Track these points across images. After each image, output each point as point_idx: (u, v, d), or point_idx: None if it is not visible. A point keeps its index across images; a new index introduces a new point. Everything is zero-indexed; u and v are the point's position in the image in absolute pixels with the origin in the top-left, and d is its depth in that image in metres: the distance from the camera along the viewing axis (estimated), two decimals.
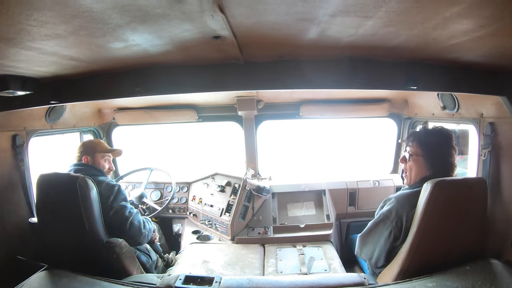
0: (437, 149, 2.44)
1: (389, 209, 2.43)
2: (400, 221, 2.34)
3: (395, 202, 2.44)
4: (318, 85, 2.35)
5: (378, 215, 2.52)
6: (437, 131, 2.52)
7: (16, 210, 3.04)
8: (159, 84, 2.36)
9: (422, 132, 2.62)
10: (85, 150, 3.18)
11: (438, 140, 2.46)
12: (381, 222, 2.46)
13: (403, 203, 2.39)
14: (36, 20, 1.27)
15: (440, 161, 2.42)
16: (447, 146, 2.44)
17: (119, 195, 2.95)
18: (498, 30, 1.45)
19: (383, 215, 2.46)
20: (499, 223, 2.42)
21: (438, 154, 2.43)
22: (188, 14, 1.34)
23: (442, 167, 2.41)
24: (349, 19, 1.43)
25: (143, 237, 3.03)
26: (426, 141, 2.48)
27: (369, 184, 4.15)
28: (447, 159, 2.42)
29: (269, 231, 3.74)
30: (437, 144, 2.45)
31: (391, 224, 2.38)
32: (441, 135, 2.48)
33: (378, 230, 2.47)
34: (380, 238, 2.44)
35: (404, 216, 2.33)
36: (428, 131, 2.60)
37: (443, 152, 2.43)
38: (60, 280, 2.22)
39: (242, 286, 2.13)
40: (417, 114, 3.81)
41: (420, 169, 2.48)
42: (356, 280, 2.19)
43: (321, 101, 4.06)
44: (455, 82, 2.31)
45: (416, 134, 2.59)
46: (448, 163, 2.42)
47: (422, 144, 2.49)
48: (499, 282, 1.98)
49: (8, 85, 2.13)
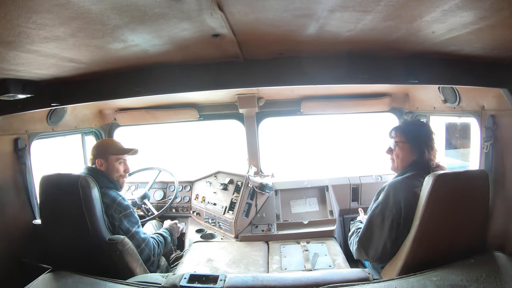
0: (419, 134, 2.64)
1: (385, 197, 2.48)
2: (399, 206, 2.38)
3: (389, 188, 2.51)
4: (319, 81, 2.34)
5: (374, 206, 2.54)
6: (415, 121, 3.04)
7: (20, 213, 3.06)
8: (159, 84, 2.36)
9: (402, 124, 2.86)
10: (98, 153, 3.04)
11: (417, 127, 2.71)
12: (380, 214, 2.48)
13: (398, 187, 2.47)
14: (35, 23, 1.27)
15: (422, 145, 2.59)
16: (426, 132, 2.66)
17: (132, 218, 2.88)
18: (497, 22, 1.44)
19: (381, 205, 2.49)
20: (501, 215, 2.41)
21: (420, 139, 2.62)
22: (186, 13, 1.34)
23: (426, 150, 2.57)
24: (348, 14, 1.42)
25: (150, 262, 2.95)
26: (408, 129, 2.71)
27: (372, 179, 4.15)
28: (428, 143, 2.61)
29: (272, 228, 3.74)
30: (417, 130, 2.67)
31: (391, 212, 2.41)
32: (419, 123, 2.82)
33: (378, 224, 2.48)
34: (383, 231, 2.46)
35: (402, 201, 2.37)
36: (408, 122, 2.92)
37: (424, 137, 2.63)
38: (66, 281, 2.23)
39: (247, 283, 2.14)
40: (418, 108, 3.80)
41: (407, 155, 2.66)
42: (360, 276, 2.19)
43: (322, 97, 4.06)
44: (455, 75, 2.30)
45: (398, 126, 2.82)
46: (429, 146, 2.59)
47: (405, 132, 2.70)
48: (504, 275, 1.98)
49: (9, 89, 2.12)
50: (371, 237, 2.55)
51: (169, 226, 3.55)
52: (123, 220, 2.81)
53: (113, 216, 2.77)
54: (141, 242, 2.86)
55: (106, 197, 2.78)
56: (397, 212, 2.38)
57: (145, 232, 2.99)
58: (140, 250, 2.83)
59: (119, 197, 2.88)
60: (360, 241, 2.62)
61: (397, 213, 2.38)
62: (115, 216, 2.78)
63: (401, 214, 2.36)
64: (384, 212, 2.45)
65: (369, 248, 2.58)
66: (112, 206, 2.79)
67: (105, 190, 2.81)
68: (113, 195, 2.87)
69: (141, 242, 2.86)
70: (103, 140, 3.45)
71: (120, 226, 2.79)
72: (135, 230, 2.85)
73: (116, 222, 2.78)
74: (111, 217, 2.76)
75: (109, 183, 2.97)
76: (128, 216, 2.85)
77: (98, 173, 2.94)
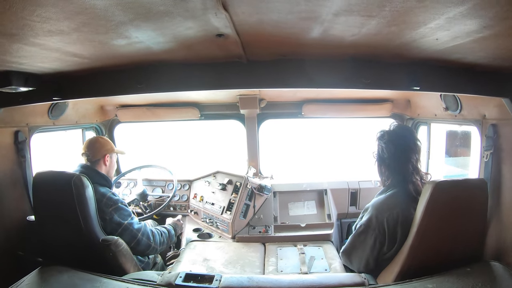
0: (398, 148, 2.46)
1: (369, 218, 2.45)
2: (382, 227, 2.36)
3: (372, 210, 2.46)
4: (321, 84, 2.35)
5: (358, 227, 2.52)
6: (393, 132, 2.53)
7: (17, 207, 3.05)
8: (161, 82, 2.37)
9: (381, 136, 2.56)
10: (107, 149, 3.13)
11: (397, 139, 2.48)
12: (362, 233, 2.46)
13: (380, 208, 2.43)
14: (39, 16, 1.27)
15: (402, 159, 2.44)
16: (408, 142, 2.46)
17: (123, 211, 2.91)
18: (502, 31, 1.44)
19: (364, 225, 2.46)
20: (499, 225, 2.41)
21: (400, 153, 2.45)
22: (191, 12, 1.34)
23: (406, 165, 2.43)
24: (352, 18, 1.43)
25: (151, 249, 3.01)
26: (386, 143, 2.50)
27: (371, 184, 4.13)
28: (408, 155, 2.44)
29: (270, 230, 3.74)
30: (396, 144, 2.47)
31: (373, 232, 2.39)
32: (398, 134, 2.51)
33: (361, 242, 2.48)
34: (365, 248, 2.45)
35: (384, 221, 2.35)
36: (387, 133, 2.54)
37: (404, 149, 2.45)
38: (61, 276, 2.23)
39: (242, 284, 2.14)
40: (419, 115, 3.80)
41: (385, 171, 2.56)
42: (356, 280, 2.19)
43: (324, 100, 4.05)
44: (457, 83, 2.30)
45: (378, 138, 2.58)
46: (409, 159, 2.43)
47: (381, 147, 2.52)
48: (500, 285, 1.98)
49: (11, 81, 2.13)
50: (354, 255, 2.55)
51: (172, 223, 3.59)
52: (114, 213, 2.83)
53: (103, 211, 2.78)
54: (136, 232, 2.89)
55: (97, 193, 2.77)
56: (380, 233, 2.37)
57: (140, 222, 3.02)
58: (137, 241, 2.88)
59: (109, 192, 2.92)
60: (345, 252, 2.63)
61: (380, 233, 2.37)
62: (105, 210, 2.80)
63: (385, 234, 2.35)
64: (367, 232, 2.43)
65: (353, 262, 2.59)
66: (102, 200, 2.81)
67: (96, 186, 2.80)
68: (103, 190, 2.90)
69: (137, 232, 2.90)
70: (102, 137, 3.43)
71: (112, 219, 2.81)
72: (128, 222, 2.88)
73: (106, 216, 2.79)
74: (102, 212, 2.76)
75: (103, 180, 3.00)
76: (118, 209, 2.88)
77: (93, 171, 2.98)
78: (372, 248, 2.41)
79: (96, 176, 2.95)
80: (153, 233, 3.06)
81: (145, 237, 2.95)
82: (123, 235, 2.80)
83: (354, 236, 2.54)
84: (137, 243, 2.88)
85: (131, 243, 2.84)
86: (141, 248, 2.93)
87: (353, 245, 2.54)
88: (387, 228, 2.34)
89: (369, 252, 2.42)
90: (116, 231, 2.80)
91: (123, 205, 2.95)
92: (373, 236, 2.39)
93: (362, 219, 2.54)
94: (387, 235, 2.35)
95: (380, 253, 2.41)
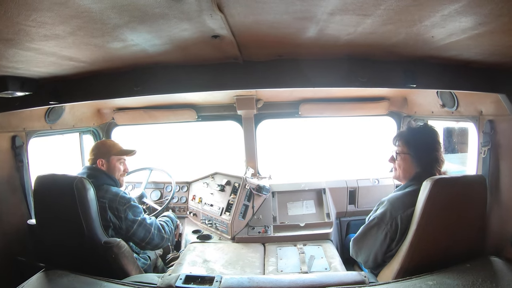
0: (422, 145, 2.51)
1: (383, 212, 2.44)
2: (395, 223, 2.36)
3: (388, 204, 2.46)
4: (317, 83, 2.35)
5: (372, 219, 2.53)
6: (421, 129, 2.64)
7: (16, 211, 3.04)
8: (158, 84, 2.36)
9: (406, 131, 2.70)
10: (99, 153, 3.15)
11: (422, 137, 2.55)
12: (375, 226, 2.47)
13: (396, 205, 2.42)
14: (34, 21, 1.27)
15: (426, 157, 2.49)
16: (432, 142, 2.52)
17: (136, 208, 3.01)
18: (497, 28, 1.45)
19: (377, 218, 2.47)
20: (498, 221, 2.42)
21: (424, 151, 2.50)
22: (186, 14, 1.34)
23: (430, 163, 2.48)
24: (348, 17, 1.43)
25: (165, 241, 3.19)
26: (412, 139, 2.57)
27: (369, 183, 4.15)
28: (433, 155, 2.48)
29: (269, 230, 3.74)
30: (422, 141, 2.53)
31: (386, 227, 2.40)
32: (425, 132, 2.58)
33: (373, 234, 2.48)
34: (375, 241, 2.46)
35: (398, 217, 2.35)
36: (412, 129, 2.69)
37: (429, 148, 2.50)
38: (61, 280, 2.22)
39: (243, 285, 2.13)
40: (416, 112, 3.81)
41: (409, 167, 2.55)
42: (356, 279, 2.19)
43: (321, 99, 4.07)
44: (454, 80, 2.30)
45: (401, 134, 2.69)
46: (434, 158, 2.48)
47: (407, 142, 2.57)
48: (500, 280, 1.98)
49: (7, 86, 2.12)
50: (364, 245, 2.55)
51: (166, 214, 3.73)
52: (128, 211, 2.93)
53: (118, 209, 2.89)
54: (149, 227, 3.04)
55: (109, 193, 2.91)
56: (392, 228, 2.37)
57: (150, 217, 3.15)
58: (151, 235, 3.03)
59: (121, 192, 3.01)
60: (355, 241, 2.63)
61: (392, 228, 2.37)
62: (119, 208, 2.90)
63: (397, 230, 2.35)
64: (379, 226, 2.44)
65: (361, 252, 2.59)
66: (116, 199, 2.91)
67: (106, 187, 2.95)
68: (115, 190, 3.00)
69: (150, 227, 3.05)
70: (103, 141, 3.47)
71: (127, 217, 2.92)
72: (142, 217, 3.02)
73: (121, 214, 2.90)
74: (116, 210, 2.88)
75: (110, 180, 3.09)
76: (132, 207, 2.98)
77: (100, 172, 3.06)
78: (382, 242, 2.42)
79: (104, 177, 3.05)
80: (162, 225, 3.20)
81: (157, 230, 3.09)
82: (138, 230, 2.95)
83: (366, 228, 2.55)
84: (151, 238, 3.03)
85: (146, 238, 3.00)
86: (156, 241, 3.07)
87: (364, 235, 2.55)
88: (400, 225, 2.34)
89: (379, 246, 2.43)
90: (131, 228, 2.94)
91: (135, 203, 3.04)
92: (384, 230, 2.40)
93: (376, 211, 2.54)
94: (399, 232, 2.35)
95: (388, 249, 2.42)
